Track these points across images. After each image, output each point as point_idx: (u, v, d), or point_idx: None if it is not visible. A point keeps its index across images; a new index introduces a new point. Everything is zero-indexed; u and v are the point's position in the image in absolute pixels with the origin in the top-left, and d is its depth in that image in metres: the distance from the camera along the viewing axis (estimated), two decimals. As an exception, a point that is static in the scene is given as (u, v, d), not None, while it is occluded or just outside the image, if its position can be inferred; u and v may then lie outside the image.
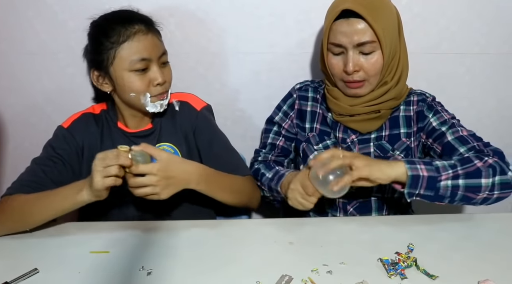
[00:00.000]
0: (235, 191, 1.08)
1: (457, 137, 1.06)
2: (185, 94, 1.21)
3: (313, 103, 1.23)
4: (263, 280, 0.81)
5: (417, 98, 1.16)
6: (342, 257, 0.87)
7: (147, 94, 1.05)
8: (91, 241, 0.95)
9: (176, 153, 1.14)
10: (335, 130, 1.19)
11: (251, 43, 1.38)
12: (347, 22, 1.04)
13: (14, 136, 1.47)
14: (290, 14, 1.34)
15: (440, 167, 0.95)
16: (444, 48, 1.40)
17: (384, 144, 1.15)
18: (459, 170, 0.95)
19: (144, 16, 1.08)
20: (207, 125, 1.17)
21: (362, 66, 1.06)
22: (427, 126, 1.13)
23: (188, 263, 0.87)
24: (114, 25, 1.02)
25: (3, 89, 1.42)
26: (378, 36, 1.03)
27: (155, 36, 1.06)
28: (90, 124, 1.14)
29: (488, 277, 0.80)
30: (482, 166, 0.95)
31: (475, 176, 0.94)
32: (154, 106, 1.07)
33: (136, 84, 1.03)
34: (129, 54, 1.01)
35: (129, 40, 1.01)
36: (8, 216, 0.97)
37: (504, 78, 1.45)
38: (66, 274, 0.84)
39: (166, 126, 1.15)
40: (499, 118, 1.49)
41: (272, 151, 1.26)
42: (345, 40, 1.05)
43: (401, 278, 0.81)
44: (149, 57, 1.03)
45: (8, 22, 1.34)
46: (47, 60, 1.37)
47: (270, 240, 0.95)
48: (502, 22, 1.38)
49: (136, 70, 1.02)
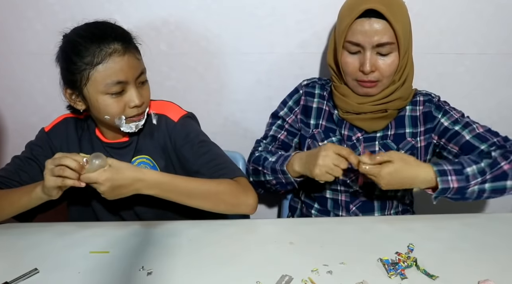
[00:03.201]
0: (207, 196, 0.99)
1: (475, 136, 1.08)
2: (164, 104, 1.14)
3: (319, 100, 1.23)
4: (263, 280, 0.81)
5: (423, 98, 1.17)
6: (342, 257, 0.87)
7: (122, 116, 1.00)
8: (91, 241, 0.95)
9: (155, 167, 1.11)
10: (341, 128, 1.19)
11: (251, 43, 1.38)
12: (369, 21, 1.03)
13: (14, 136, 1.48)
14: (290, 14, 1.34)
15: (470, 176, 0.98)
16: (444, 48, 1.40)
17: (389, 143, 1.15)
18: (487, 175, 0.98)
19: (121, 31, 1.00)
20: (185, 135, 1.10)
21: (379, 67, 1.07)
22: (438, 126, 1.14)
23: (188, 263, 0.87)
24: (88, 44, 0.95)
25: (3, 89, 1.42)
26: (398, 38, 1.04)
27: (133, 55, 0.98)
28: (69, 129, 1.12)
29: (488, 277, 0.80)
30: (508, 168, 0.98)
31: (501, 179, 0.98)
32: (129, 127, 1.03)
33: (111, 107, 0.98)
34: (104, 77, 0.95)
35: (103, 62, 0.94)
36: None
37: (504, 78, 1.45)
38: (66, 274, 0.84)
39: (144, 139, 1.11)
40: (499, 118, 1.49)
41: (273, 143, 1.26)
42: (365, 39, 1.04)
43: (401, 278, 0.81)
44: (126, 80, 0.97)
45: (8, 22, 1.34)
46: (47, 60, 1.37)
47: (270, 240, 0.95)
48: (502, 22, 1.38)
49: (111, 93, 0.97)
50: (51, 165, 0.89)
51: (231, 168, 1.07)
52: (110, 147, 1.11)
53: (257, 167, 1.19)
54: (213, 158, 1.07)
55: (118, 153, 1.10)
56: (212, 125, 1.38)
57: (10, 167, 1.07)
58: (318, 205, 1.24)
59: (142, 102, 1.00)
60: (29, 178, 1.05)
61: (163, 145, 1.11)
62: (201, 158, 1.07)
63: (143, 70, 1.02)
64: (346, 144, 1.17)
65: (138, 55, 1.02)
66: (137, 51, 1.02)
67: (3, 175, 1.05)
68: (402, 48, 1.06)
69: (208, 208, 1.00)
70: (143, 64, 1.04)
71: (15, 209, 0.99)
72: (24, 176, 1.06)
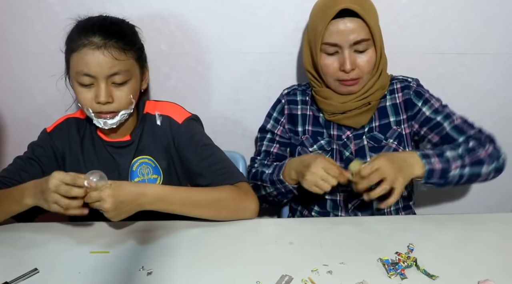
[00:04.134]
0: (209, 204, 1.00)
1: (453, 127, 1.13)
2: (168, 106, 1.15)
3: (302, 106, 1.24)
4: (263, 280, 0.81)
5: (400, 85, 1.19)
6: (342, 257, 0.87)
7: (89, 109, 1.01)
8: (91, 241, 0.95)
9: (156, 167, 1.12)
10: (329, 129, 1.20)
11: (251, 43, 1.38)
12: (343, 21, 1.06)
13: (14, 136, 1.48)
14: (290, 14, 1.34)
15: (451, 159, 1.03)
16: (444, 48, 1.40)
17: (376, 134, 1.17)
18: (466, 160, 1.04)
19: (112, 29, 1.00)
20: (189, 137, 1.10)
21: (358, 64, 1.09)
22: (419, 115, 1.16)
23: (188, 263, 0.87)
24: (75, 32, 1.00)
25: (3, 89, 1.42)
26: (373, 33, 1.07)
27: (109, 53, 0.97)
28: (71, 130, 1.13)
29: (488, 277, 0.80)
30: (485, 155, 1.05)
31: (478, 164, 1.05)
32: (98, 122, 1.03)
33: (80, 97, 1.00)
34: (75, 65, 0.99)
35: (77, 51, 0.97)
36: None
37: (504, 78, 1.45)
38: (66, 274, 0.84)
39: (146, 139, 1.11)
40: (499, 118, 1.49)
41: (267, 158, 1.27)
42: (342, 39, 1.06)
43: (401, 278, 0.81)
44: (93, 74, 0.97)
45: (8, 22, 1.34)
46: (47, 60, 1.37)
47: (270, 240, 0.95)
48: (502, 22, 1.38)
49: (80, 83, 0.99)
50: (55, 194, 0.85)
51: (233, 172, 1.08)
52: (111, 146, 1.11)
53: (256, 183, 1.20)
54: (216, 161, 1.08)
55: (119, 152, 1.10)
56: (212, 125, 1.38)
57: (11, 167, 1.08)
58: (317, 208, 1.25)
59: (106, 101, 0.99)
60: (29, 178, 1.04)
61: (166, 146, 1.11)
62: (204, 161, 1.08)
63: (120, 72, 0.99)
64: (335, 144, 1.18)
65: (121, 55, 0.99)
66: (123, 51, 0.99)
67: (4, 175, 1.05)
68: (378, 43, 1.08)
69: (211, 216, 1.01)
70: (128, 66, 1.01)
71: (3, 215, 0.99)
72: (25, 176, 1.06)
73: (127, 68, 1.01)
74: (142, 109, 1.13)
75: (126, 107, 1.03)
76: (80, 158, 1.12)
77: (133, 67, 1.03)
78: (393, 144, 1.16)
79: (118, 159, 1.11)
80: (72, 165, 1.12)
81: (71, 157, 1.12)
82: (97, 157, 1.12)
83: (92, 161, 1.12)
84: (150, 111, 1.14)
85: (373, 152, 1.16)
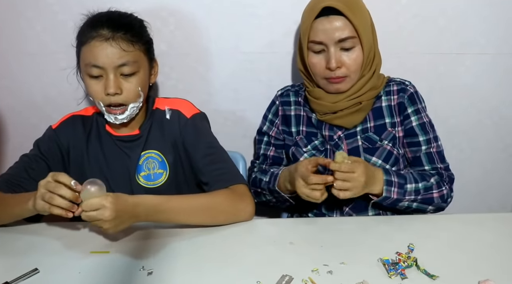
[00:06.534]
0: (205, 209, 0.99)
1: (427, 154, 1.15)
2: (178, 101, 1.17)
3: (296, 106, 1.25)
4: (263, 280, 0.81)
5: (397, 87, 1.18)
6: (342, 257, 0.87)
7: (101, 102, 1.03)
8: (91, 241, 0.95)
9: (163, 162, 1.12)
10: (321, 129, 1.20)
11: (251, 43, 1.38)
12: (327, 19, 1.06)
13: (14, 136, 1.48)
14: (290, 14, 1.34)
15: (407, 192, 1.07)
16: (444, 48, 1.40)
17: (371, 135, 1.17)
18: (419, 197, 1.08)
19: (120, 22, 1.02)
20: (195, 132, 1.12)
21: (344, 62, 1.09)
22: (407, 123, 1.17)
23: (188, 263, 0.87)
24: (85, 26, 1.02)
25: (3, 89, 1.42)
26: (358, 31, 1.07)
27: (118, 44, 0.99)
28: (77, 126, 1.14)
29: (489, 277, 0.80)
30: (437, 196, 1.09)
31: (427, 202, 1.10)
32: (109, 117, 1.05)
33: (91, 89, 1.02)
34: (84, 57, 1.01)
35: (86, 44, 1.00)
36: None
37: (504, 78, 1.45)
38: (66, 274, 0.84)
39: (154, 134, 1.13)
40: (499, 118, 1.49)
41: (265, 162, 1.28)
42: (326, 37, 1.07)
43: (402, 278, 0.81)
44: (102, 66, 0.99)
45: (8, 22, 1.34)
46: (47, 60, 1.37)
47: (270, 240, 0.95)
48: (502, 22, 1.38)
49: (90, 75, 1.01)
50: (44, 188, 0.85)
51: (232, 173, 1.08)
52: (120, 141, 1.12)
53: (256, 190, 1.21)
54: (217, 161, 1.09)
55: (128, 146, 1.11)
56: (212, 125, 1.37)
57: (18, 165, 1.08)
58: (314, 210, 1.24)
59: (116, 91, 1.00)
60: (37, 175, 1.04)
61: (173, 140, 1.13)
62: (206, 158, 1.09)
63: (128, 63, 1.01)
64: (328, 144, 1.19)
65: (129, 47, 1.01)
66: (130, 43, 1.01)
67: (11, 173, 1.06)
68: (365, 42, 1.08)
69: (209, 222, 1.00)
70: (136, 57, 1.02)
71: (9, 218, 0.99)
72: (32, 173, 1.06)
73: (135, 59, 1.02)
74: (152, 105, 1.15)
75: (135, 100, 1.05)
76: (85, 154, 1.12)
77: (141, 59, 1.05)
78: (387, 145, 1.15)
79: (127, 152, 1.11)
80: (76, 161, 1.12)
81: (75, 153, 1.12)
82: (103, 153, 1.12)
83: (97, 157, 1.12)
84: (160, 107, 1.15)
85: (367, 153, 1.15)
